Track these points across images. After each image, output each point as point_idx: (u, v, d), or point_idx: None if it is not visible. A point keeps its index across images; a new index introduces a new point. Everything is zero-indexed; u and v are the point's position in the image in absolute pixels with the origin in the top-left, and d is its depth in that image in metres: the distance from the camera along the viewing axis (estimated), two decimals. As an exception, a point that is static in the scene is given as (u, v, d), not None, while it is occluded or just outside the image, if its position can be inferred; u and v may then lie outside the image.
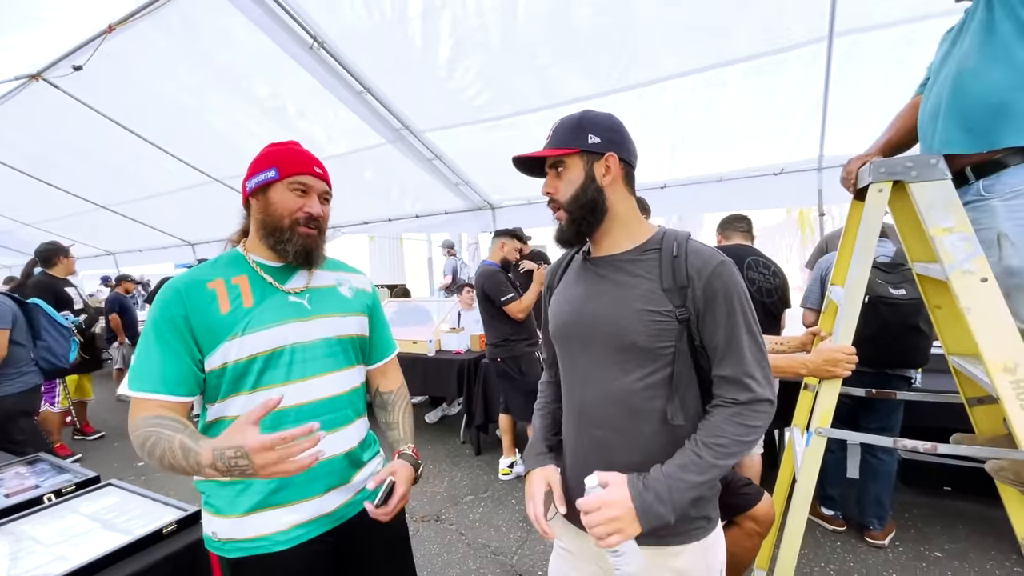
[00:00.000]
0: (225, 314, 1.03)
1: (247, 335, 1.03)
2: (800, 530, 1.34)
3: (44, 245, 3.98)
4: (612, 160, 0.97)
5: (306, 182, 1.10)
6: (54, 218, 6.35)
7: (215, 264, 1.12)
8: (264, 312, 1.07)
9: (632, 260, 0.98)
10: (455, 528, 2.79)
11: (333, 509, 1.13)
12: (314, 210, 1.11)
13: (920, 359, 2.27)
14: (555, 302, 1.10)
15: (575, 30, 2.65)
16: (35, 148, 4.54)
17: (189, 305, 1.01)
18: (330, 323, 1.16)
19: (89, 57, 3.05)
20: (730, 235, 2.66)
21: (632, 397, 0.94)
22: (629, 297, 0.94)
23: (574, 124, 0.98)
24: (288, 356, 1.07)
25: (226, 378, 1.04)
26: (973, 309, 1.17)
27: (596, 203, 0.97)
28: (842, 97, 2.84)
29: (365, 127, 3.64)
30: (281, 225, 1.09)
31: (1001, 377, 1.14)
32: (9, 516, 1.44)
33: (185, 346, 1.01)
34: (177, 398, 1.00)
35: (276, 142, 1.16)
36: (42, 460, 1.91)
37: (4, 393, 2.91)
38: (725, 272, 0.91)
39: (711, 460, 0.87)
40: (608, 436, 0.98)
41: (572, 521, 1.04)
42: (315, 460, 0.89)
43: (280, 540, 1.06)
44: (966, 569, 2.23)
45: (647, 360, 0.93)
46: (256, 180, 1.10)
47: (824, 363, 1.30)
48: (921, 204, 1.21)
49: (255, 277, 1.10)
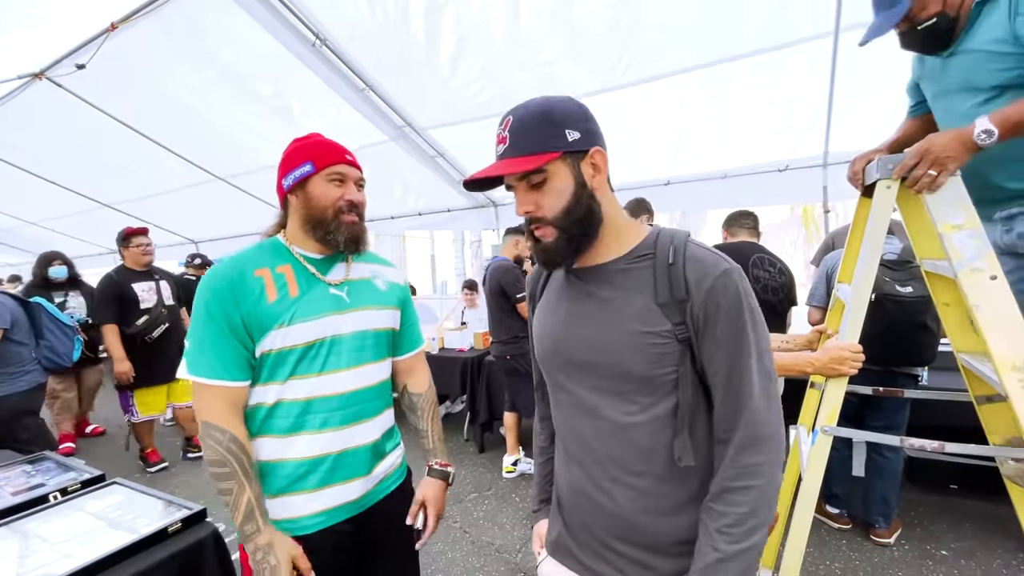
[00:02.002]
0: (272, 303, 1.06)
1: (292, 326, 1.06)
2: (806, 528, 1.33)
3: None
4: (599, 156, 0.81)
5: (342, 171, 1.13)
6: (58, 216, 6.38)
7: (259, 252, 1.14)
8: (309, 303, 1.10)
9: (622, 270, 0.83)
10: (459, 526, 2.79)
11: (356, 497, 1.16)
12: (354, 197, 1.14)
13: (927, 357, 2.25)
14: (538, 321, 0.95)
15: (578, 26, 2.64)
16: (39, 147, 4.55)
17: (239, 293, 1.04)
18: (366, 316, 1.19)
19: (92, 55, 3.05)
20: (736, 232, 2.64)
21: (632, 432, 0.81)
22: (621, 318, 0.80)
23: (543, 120, 0.78)
24: (326, 348, 1.11)
25: (266, 366, 1.07)
26: (982, 307, 1.16)
27: (592, 212, 0.81)
28: (848, 93, 2.83)
29: (368, 125, 3.64)
30: (325, 216, 1.11)
31: (1010, 375, 1.13)
32: (15, 515, 1.45)
33: (237, 333, 1.04)
34: (238, 383, 1.05)
35: (299, 137, 1.17)
36: (47, 459, 1.92)
37: (8, 392, 2.92)
38: (730, 283, 0.76)
39: (730, 549, 0.73)
40: (608, 475, 0.84)
41: (563, 559, 0.94)
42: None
43: (304, 524, 1.10)
44: (972, 567, 2.22)
45: (647, 390, 0.80)
46: (293, 176, 1.12)
47: (830, 361, 1.29)
48: (930, 201, 1.20)
49: (299, 267, 1.13)
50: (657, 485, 0.81)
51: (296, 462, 1.09)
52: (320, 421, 1.10)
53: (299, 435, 1.09)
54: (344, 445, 1.13)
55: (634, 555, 0.84)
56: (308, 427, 1.09)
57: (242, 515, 1.01)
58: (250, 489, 1.02)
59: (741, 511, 0.74)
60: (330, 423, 1.11)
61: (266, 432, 1.09)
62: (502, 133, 0.81)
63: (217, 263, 1.11)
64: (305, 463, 1.09)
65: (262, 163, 4.42)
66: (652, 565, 0.83)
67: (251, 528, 1.02)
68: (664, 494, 0.81)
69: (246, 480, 1.02)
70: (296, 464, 1.09)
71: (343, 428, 1.12)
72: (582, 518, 0.89)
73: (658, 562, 0.83)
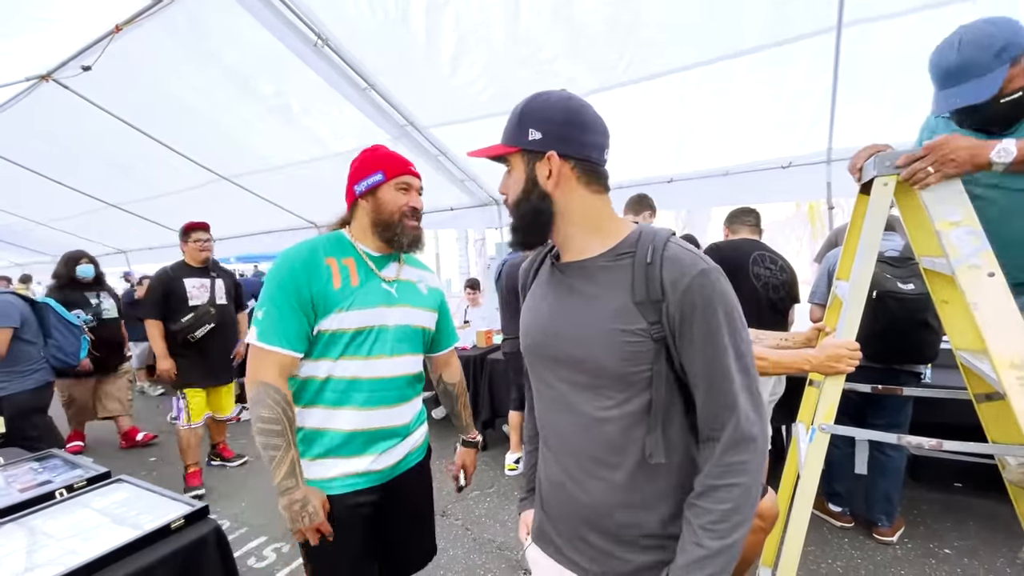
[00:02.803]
0: (337, 289, 1.22)
1: (350, 311, 1.23)
2: (804, 525, 1.33)
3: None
4: (554, 161, 0.81)
5: (408, 181, 1.31)
6: (66, 217, 6.44)
7: (327, 242, 1.30)
8: (366, 294, 1.26)
9: (603, 267, 0.84)
10: (461, 523, 2.81)
11: (381, 468, 1.31)
12: (417, 203, 1.32)
13: (929, 354, 2.24)
14: (524, 314, 0.98)
15: (579, 23, 2.64)
16: (47, 147, 4.60)
17: (312, 276, 1.21)
18: (409, 313, 1.35)
19: (97, 57, 3.08)
20: (737, 229, 2.63)
21: (606, 426, 0.83)
22: (598, 314, 0.81)
23: (517, 116, 0.85)
24: (374, 335, 1.26)
25: (321, 343, 1.23)
26: (980, 304, 1.15)
27: (539, 210, 0.84)
28: (851, 89, 2.81)
29: (370, 124, 3.65)
30: (392, 220, 1.28)
31: (1008, 373, 1.13)
32: (22, 511, 1.47)
33: (304, 310, 1.20)
34: (295, 353, 1.20)
35: (367, 148, 1.34)
36: (54, 456, 1.95)
37: (18, 390, 2.97)
38: (707, 283, 0.76)
39: (715, 545, 0.75)
40: (582, 467, 0.87)
41: (543, 545, 0.97)
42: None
43: (334, 486, 1.25)
44: (975, 566, 2.21)
45: (621, 386, 0.81)
46: (366, 183, 1.29)
47: (827, 359, 1.29)
48: (927, 198, 1.20)
49: (361, 261, 1.30)
50: (629, 479, 0.83)
51: (337, 432, 1.25)
52: (363, 399, 1.26)
53: (343, 409, 1.25)
54: (379, 423, 1.29)
55: (605, 546, 0.86)
56: (352, 403, 1.25)
57: (285, 471, 1.14)
58: (294, 448, 1.17)
59: (725, 508, 0.76)
60: (371, 402, 1.27)
61: (317, 403, 1.25)
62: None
63: (290, 249, 1.27)
64: (345, 434, 1.25)
65: (266, 163, 4.45)
66: (622, 557, 0.85)
67: (291, 483, 1.15)
68: (635, 488, 0.83)
69: (292, 438, 1.17)
70: (336, 434, 1.25)
71: (380, 408, 1.28)
72: (560, 508, 0.92)
73: (628, 554, 0.85)
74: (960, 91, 1.22)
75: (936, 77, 1.28)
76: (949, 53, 1.23)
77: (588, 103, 0.86)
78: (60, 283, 3.85)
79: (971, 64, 1.19)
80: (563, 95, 0.84)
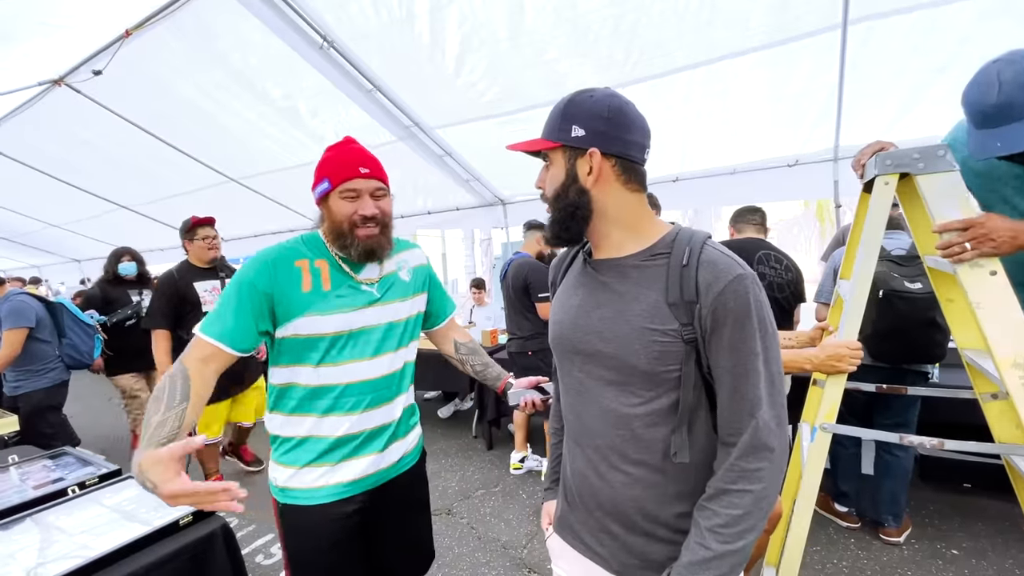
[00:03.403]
0: (306, 292, 1.15)
1: (322, 316, 1.15)
2: (806, 524, 1.33)
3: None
4: (596, 158, 0.82)
5: (354, 187, 1.17)
6: (79, 219, 6.54)
7: (302, 243, 1.23)
8: (340, 298, 1.19)
9: (637, 266, 0.85)
10: (466, 522, 2.83)
11: (372, 472, 1.25)
12: (367, 211, 1.17)
13: (937, 354, 2.22)
14: (554, 307, 1.00)
15: (583, 23, 2.64)
16: (59, 151, 4.68)
17: (277, 278, 1.14)
18: (393, 309, 1.28)
19: (108, 62, 3.13)
20: (742, 228, 2.62)
21: (632, 422, 0.84)
22: (630, 312, 0.82)
23: (560, 111, 0.85)
24: (356, 338, 1.20)
25: (292, 348, 1.17)
26: (983, 303, 1.15)
27: (577, 206, 0.85)
28: (858, 86, 2.78)
29: (376, 125, 3.67)
30: (343, 230, 1.18)
31: (1011, 372, 1.12)
32: (36, 507, 1.51)
33: (257, 312, 1.12)
34: (227, 348, 1.10)
35: (333, 145, 1.23)
36: (67, 454, 1.99)
37: (33, 388, 3.04)
38: (741, 289, 0.76)
39: (720, 548, 0.75)
40: (606, 460, 0.88)
41: (565, 535, 1.00)
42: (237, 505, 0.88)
43: (321, 495, 1.19)
44: (984, 567, 2.19)
45: (649, 384, 0.82)
46: (318, 192, 1.21)
47: (828, 358, 1.29)
48: (928, 196, 1.19)
49: (335, 264, 1.22)
50: (652, 475, 0.84)
51: (324, 439, 1.19)
52: (350, 404, 1.20)
53: (328, 416, 1.19)
54: (367, 425, 1.23)
55: (626, 538, 0.88)
56: (338, 409, 1.19)
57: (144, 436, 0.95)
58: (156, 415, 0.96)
59: (735, 513, 0.76)
60: (358, 406, 1.21)
61: (301, 411, 1.20)
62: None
63: (264, 249, 1.20)
64: (333, 440, 1.19)
65: (273, 165, 4.49)
66: (642, 549, 0.87)
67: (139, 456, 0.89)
68: (658, 484, 0.84)
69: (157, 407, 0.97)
70: (322, 441, 1.19)
71: (367, 411, 1.23)
72: (583, 499, 0.94)
73: (648, 547, 0.86)
74: (1003, 135, 1.15)
75: (973, 116, 1.20)
76: (988, 92, 1.14)
77: (631, 101, 0.87)
78: (105, 278, 3.81)
79: (1014, 106, 1.11)
80: (607, 92, 0.85)
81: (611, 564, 0.90)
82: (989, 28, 2.30)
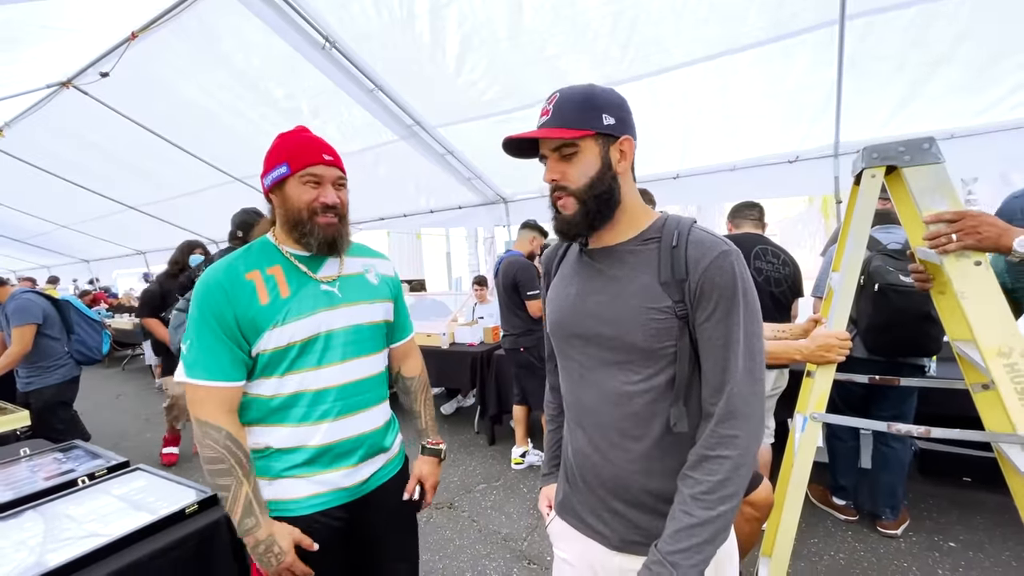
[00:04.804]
0: (265, 305, 1.09)
1: (286, 324, 1.09)
2: (796, 512, 1.36)
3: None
4: (628, 144, 0.87)
5: (317, 172, 1.12)
6: (87, 219, 6.63)
7: (248, 254, 1.15)
8: (301, 301, 1.12)
9: (631, 251, 0.90)
10: (467, 515, 2.86)
11: (353, 483, 1.20)
12: (329, 199, 1.12)
13: (932, 347, 2.22)
14: (551, 296, 1.03)
15: (582, 20, 2.66)
16: (68, 152, 4.76)
17: (232, 299, 1.07)
18: (359, 311, 1.21)
19: (115, 64, 3.19)
20: (740, 223, 2.64)
21: (633, 400, 0.88)
22: (626, 293, 0.87)
23: (584, 102, 0.86)
24: (322, 343, 1.14)
25: (264, 362, 1.10)
26: (967, 293, 1.17)
27: (612, 192, 0.88)
28: (856, 82, 2.79)
29: (378, 124, 3.71)
30: (301, 218, 1.12)
31: (996, 361, 1.14)
32: (47, 497, 1.55)
33: (231, 335, 1.07)
34: (233, 384, 1.08)
35: (285, 132, 1.18)
36: (77, 447, 2.04)
37: (45, 384, 3.09)
38: (726, 264, 0.81)
39: (703, 515, 0.79)
40: (608, 439, 0.92)
41: (566, 517, 1.03)
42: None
43: (299, 506, 1.14)
44: (981, 559, 2.20)
45: (648, 361, 0.86)
46: (271, 177, 1.13)
47: (818, 348, 1.31)
48: (914, 188, 1.21)
49: (289, 267, 1.15)
50: (652, 449, 0.88)
51: (299, 449, 1.13)
52: (320, 412, 1.14)
53: (301, 425, 1.13)
54: (344, 434, 1.17)
55: (627, 513, 0.92)
56: (310, 418, 1.13)
57: (241, 510, 1.04)
58: (247, 484, 1.06)
59: (716, 479, 0.80)
60: (329, 414, 1.15)
61: (272, 421, 1.13)
62: (547, 106, 0.88)
63: (209, 268, 1.13)
64: (308, 450, 1.13)
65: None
66: (642, 523, 0.91)
67: (251, 523, 1.05)
68: (657, 457, 0.88)
69: (243, 475, 1.06)
70: (298, 451, 1.13)
71: (342, 418, 1.17)
72: (585, 478, 0.97)
73: (648, 521, 0.90)
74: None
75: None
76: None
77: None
78: (172, 271, 3.68)
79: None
80: (611, 88, 0.89)
81: (611, 540, 0.94)
82: (987, 22, 2.31)
